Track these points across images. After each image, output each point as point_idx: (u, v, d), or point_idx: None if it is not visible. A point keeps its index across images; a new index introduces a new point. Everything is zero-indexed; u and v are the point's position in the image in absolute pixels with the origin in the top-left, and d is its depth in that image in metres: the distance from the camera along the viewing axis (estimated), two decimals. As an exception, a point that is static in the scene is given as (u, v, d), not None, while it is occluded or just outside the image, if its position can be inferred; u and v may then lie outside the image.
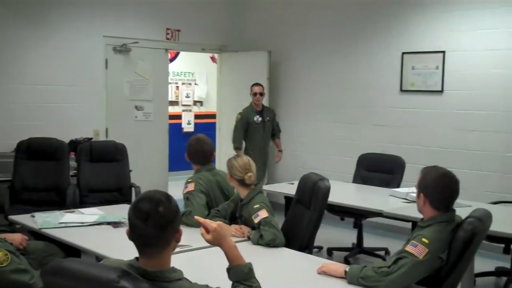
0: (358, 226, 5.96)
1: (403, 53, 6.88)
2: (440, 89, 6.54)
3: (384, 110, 7.09)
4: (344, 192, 5.65)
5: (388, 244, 6.18)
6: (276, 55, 8.17)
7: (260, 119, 7.26)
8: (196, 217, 2.50)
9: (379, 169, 6.09)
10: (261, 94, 7.26)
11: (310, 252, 3.71)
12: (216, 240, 2.36)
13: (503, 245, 4.94)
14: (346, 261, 5.58)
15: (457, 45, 6.44)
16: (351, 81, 7.42)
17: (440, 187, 2.90)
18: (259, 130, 7.27)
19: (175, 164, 8.56)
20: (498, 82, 6.15)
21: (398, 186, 5.72)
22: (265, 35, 8.37)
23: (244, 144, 7.31)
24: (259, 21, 8.47)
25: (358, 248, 5.99)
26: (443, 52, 6.53)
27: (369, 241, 6.20)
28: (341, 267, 2.90)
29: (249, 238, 3.55)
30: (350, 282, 2.79)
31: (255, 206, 3.60)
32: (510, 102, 6.08)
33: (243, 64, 8.42)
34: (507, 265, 5.20)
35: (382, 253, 5.97)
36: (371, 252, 5.95)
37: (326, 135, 7.71)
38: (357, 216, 5.82)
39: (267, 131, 7.36)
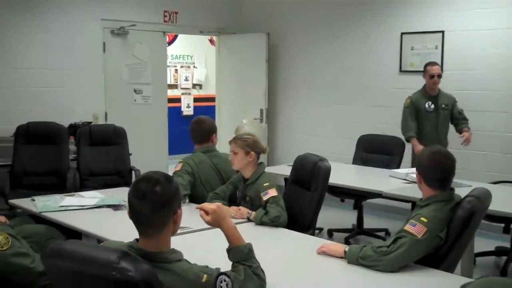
0: (358, 207, 5.97)
1: (402, 33, 6.85)
2: (439, 69, 6.52)
3: (383, 91, 7.08)
4: (344, 173, 5.65)
5: (388, 225, 6.21)
6: (275, 37, 8.12)
7: (432, 106, 5.91)
8: (196, 206, 2.49)
9: (378, 150, 6.10)
10: (439, 76, 5.89)
11: (313, 233, 3.74)
12: (215, 222, 2.37)
13: (503, 225, 4.97)
14: (346, 242, 5.60)
15: (456, 25, 6.41)
16: (350, 62, 7.40)
17: (432, 165, 2.89)
18: (430, 119, 5.92)
19: (175, 147, 8.57)
20: (497, 61, 6.13)
21: (397, 167, 5.73)
22: (263, 16, 8.32)
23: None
24: (257, 3, 8.42)
25: (358, 229, 6.01)
26: (442, 32, 6.50)
27: (369, 222, 6.22)
28: (340, 247, 2.91)
29: (248, 220, 3.56)
30: (349, 262, 2.80)
31: (265, 184, 3.64)
32: (509, 81, 6.06)
33: (241, 46, 8.38)
34: (507, 245, 5.23)
35: (382, 234, 6.00)
36: (371, 233, 5.98)
37: (326, 116, 7.70)
38: (357, 197, 5.84)
39: (441, 121, 5.93)
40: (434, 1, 6.55)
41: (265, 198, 3.59)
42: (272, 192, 3.60)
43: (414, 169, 5.14)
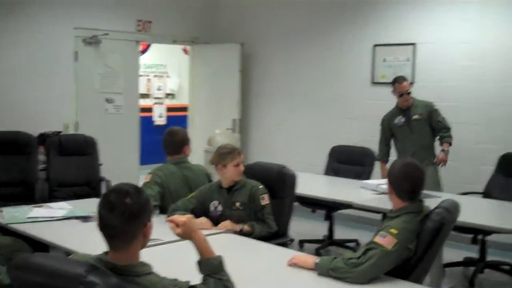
0: (329, 218, 5.99)
1: (375, 45, 6.93)
2: (411, 81, 6.59)
3: (355, 102, 7.14)
4: (316, 184, 5.68)
5: (358, 235, 6.23)
6: (249, 47, 8.15)
7: (403, 119, 5.75)
8: (166, 218, 2.48)
9: (350, 161, 6.13)
10: (409, 93, 5.67)
11: (285, 242, 3.84)
12: (186, 234, 2.35)
13: (471, 236, 5.03)
14: (317, 253, 5.61)
15: (427, 38, 6.51)
16: (323, 73, 7.45)
17: (403, 176, 2.93)
18: (402, 133, 5.78)
19: (147, 157, 8.50)
20: (467, 74, 6.24)
21: (368, 178, 5.77)
22: (237, 27, 8.35)
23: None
24: (231, 13, 8.44)
25: (329, 240, 6.02)
26: (414, 44, 6.59)
27: (340, 233, 6.23)
28: (311, 259, 2.91)
29: (241, 232, 3.60)
30: (320, 274, 2.80)
31: (260, 187, 3.79)
32: (480, 94, 6.17)
33: (215, 56, 8.38)
34: (476, 255, 5.29)
35: (352, 244, 6.02)
36: (341, 244, 6.00)
37: (299, 127, 7.73)
38: (328, 208, 5.85)
39: (417, 131, 5.72)
40: (406, 14, 6.66)
41: (263, 202, 3.74)
42: (267, 199, 3.77)
43: (384, 180, 5.20)
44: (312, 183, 5.62)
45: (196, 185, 4.11)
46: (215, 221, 3.73)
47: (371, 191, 4.99)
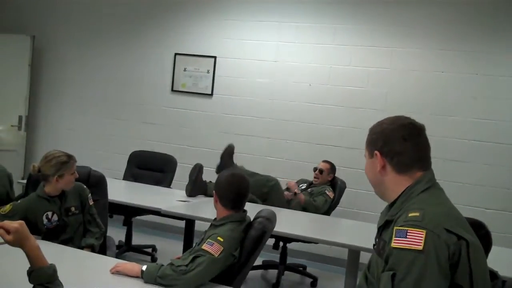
0: (128, 223, 5.90)
1: (176, 54, 7.02)
2: (210, 92, 6.82)
3: (155, 109, 7.14)
4: (116, 189, 5.53)
5: (155, 241, 6.25)
6: (41, 41, 7.66)
7: (303, 186, 5.81)
8: None
9: (151, 167, 6.13)
10: (321, 171, 5.72)
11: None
12: (18, 241, 2.16)
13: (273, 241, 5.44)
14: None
15: (228, 52, 6.77)
16: (123, 77, 7.32)
17: (229, 186, 3.05)
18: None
19: None
20: (262, 89, 6.62)
21: (169, 185, 5.82)
22: (28, 17, 7.79)
23: None
24: (21, 2, 7.85)
25: (126, 246, 5.93)
26: (215, 57, 6.82)
27: (136, 239, 6.17)
28: (137, 266, 2.86)
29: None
30: (147, 282, 2.77)
31: (85, 187, 3.74)
32: (274, 109, 6.57)
33: (1, 47, 7.70)
34: (273, 259, 5.76)
35: (149, 250, 6.01)
36: (139, 249, 5.96)
37: (96, 130, 7.47)
38: (127, 214, 5.75)
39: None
40: (209, 28, 6.85)
41: (90, 202, 3.70)
42: (91, 199, 3.74)
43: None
44: (112, 187, 5.46)
45: None
46: (53, 232, 3.47)
47: (175, 199, 5.03)
